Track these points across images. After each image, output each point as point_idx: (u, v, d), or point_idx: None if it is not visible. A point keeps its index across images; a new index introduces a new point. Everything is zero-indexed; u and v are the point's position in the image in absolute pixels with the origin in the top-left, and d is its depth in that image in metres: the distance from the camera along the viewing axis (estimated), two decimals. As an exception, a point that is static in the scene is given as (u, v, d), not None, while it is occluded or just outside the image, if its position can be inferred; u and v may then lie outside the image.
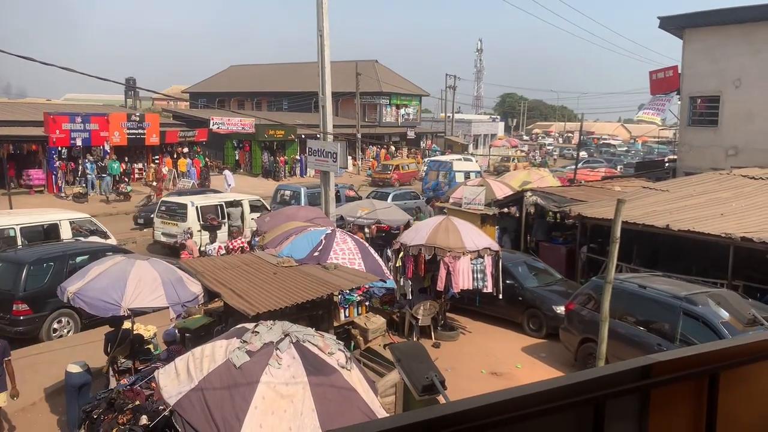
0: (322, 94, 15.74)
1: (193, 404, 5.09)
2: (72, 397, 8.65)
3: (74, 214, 16.96)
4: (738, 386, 2.43)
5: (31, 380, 10.29)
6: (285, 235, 12.42)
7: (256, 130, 39.27)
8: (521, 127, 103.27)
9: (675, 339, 9.78)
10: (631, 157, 54.05)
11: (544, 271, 14.70)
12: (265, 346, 5.45)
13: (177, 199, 20.68)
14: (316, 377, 5.29)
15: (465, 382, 10.27)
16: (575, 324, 11.71)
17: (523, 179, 23.91)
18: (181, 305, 8.59)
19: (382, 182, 36.92)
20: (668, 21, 22.11)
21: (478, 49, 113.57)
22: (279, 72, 61.24)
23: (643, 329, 10.45)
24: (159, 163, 33.81)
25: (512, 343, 12.93)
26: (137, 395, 7.62)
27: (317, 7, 15.08)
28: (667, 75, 22.92)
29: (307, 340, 5.70)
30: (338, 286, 9.26)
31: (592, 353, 10.85)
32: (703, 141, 21.40)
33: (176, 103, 57.91)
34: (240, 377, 5.19)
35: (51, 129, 28.62)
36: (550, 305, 13.16)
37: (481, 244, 12.34)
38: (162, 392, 5.38)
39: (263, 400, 5.04)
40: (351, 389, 5.41)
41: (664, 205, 14.60)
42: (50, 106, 38.99)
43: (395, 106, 56.20)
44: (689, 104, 22.13)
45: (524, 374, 11.35)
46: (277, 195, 24.56)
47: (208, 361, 5.40)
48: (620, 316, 10.50)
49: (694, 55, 21.49)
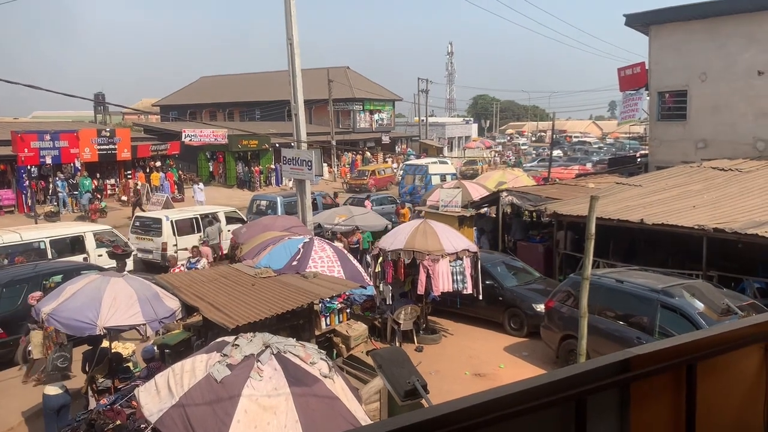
0: (294, 102, 15.71)
1: (174, 421, 5.01)
2: (51, 419, 8.47)
3: (97, 227, 18.54)
4: (715, 375, 2.46)
5: (7, 405, 10.07)
6: (262, 245, 12.34)
7: (229, 140, 38.99)
8: (495, 128, 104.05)
9: (654, 332, 9.89)
10: (603, 154, 54.70)
11: (523, 270, 14.78)
12: (246, 358, 5.40)
13: (151, 214, 20.56)
14: (298, 388, 5.25)
15: (449, 385, 10.29)
16: (555, 321, 11.79)
17: (498, 180, 24.09)
18: (158, 321, 8.46)
19: (359, 188, 36.90)
20: (634, 18, 22.46)
21: (449, 52, 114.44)
22: (250, 82, 60.96)
23: (623, 323, 10.55)
24: (131, 178, 33.40)
25: (494, 343, 12.98)
26: (118, 414, 7.49)
27: (286, 16, 15.06)
28: (635, 71, 23.24)
29: (288, 350, 5.66)
30: (318, 294, 9.22)
31: (573, 350, 10.92)
32: (673, 135, 21.74)
33: (147, 116, 57.28)
34: (221, 391, 5.13)
35: (19, 148, 28.12)
36: (530, 304, 13.23)
37: (460, 246, 12.37)
38: (143, 410, 5.30)
39: (246, 413, 4.98)
40: (334, 398, 5.37)
41: (637, 200, 14.79)
42: (18, 125, 38.33)
43: (369, 112, 56.28)
44: (658, 99, 22.47)
45: (508, 374, 11.39)
46: (252, 205, 24.39)
47: (188, 377, 5.33)
48: (599, 312, 10.59)
49: (661, 51, 21.85)
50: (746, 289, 12.00)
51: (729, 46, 19.88)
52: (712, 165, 16.66)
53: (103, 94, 47.39)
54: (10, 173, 28.92)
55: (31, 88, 8.96)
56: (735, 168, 15.86)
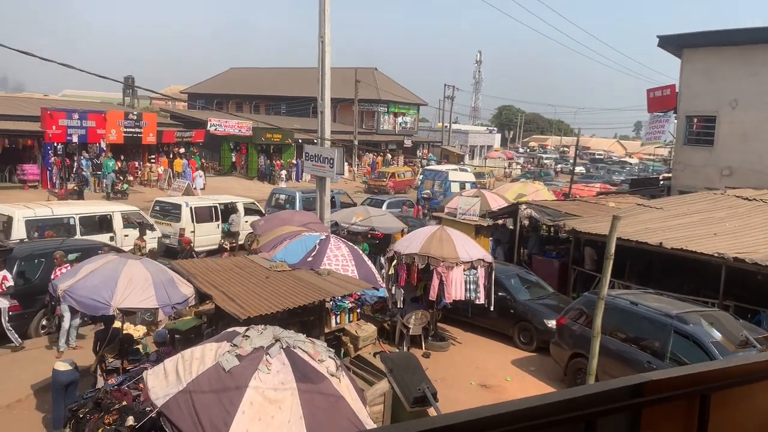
0: (321, 99, 15.77)
1: (180, 407, 5.05)
2: (58, 395, 8.57)
3: (125, 207, 18.60)
4: (729, 407, 2.42)
5: (17, 377, 10.21)
6: (279, 239, 12.39)
7: (253, 133, 39.25)
8: (518, 140, 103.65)
9: (665, 357, 9.79)
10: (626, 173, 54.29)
11: (537, 285, 14.70)
12: (255, 350, 5.43)
13: (171, 199, 20.82)
14: (305, 384, 5.27)
15: (454, 393, 10.25)
16: (566, 338, 11.71)
17: (518, 191, 23.99)
18: (171, 307, 8.54)
19: (378, 189, 36.93)
20: (667, 40, 22.28)
21: (478, 60, 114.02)
22: (278, 76, 61.25)
23: (634, 346, 10.45)
24: (155, 162, 33.66)
25: (502, 355, 12.92)
26: (124, 395, 7.57)
27: (319, 14, 15.13)
28: (664, 93, 23.05)
29: (298, 346, 5.68)
30: (330, 292, 9.23)
31: (581, 368, 10.85)
32: (699, 160, 21.51)
33: (174, 103, 57.78)
34: (229, 381, 5.16)
35: (48, 124, 28.50)
36: (542, 319, 13.15)
37: (475, 255, 12.34)
38: (150, 393, 5.34)
39: (251, 405, 5.01)
40: (339, 397, 5.38)
41: (658, 223, 14.65)
42: (47, 102, 38.82)
43: (393, 114, 56.29)
44: (686, 123, 22.26)
45: (514, 387, 11.33)
46: (272, 198, 24.52)
47: (197, 364, 5.37)
48: (611, 332, 10.50)
49: (692, 74, 21.64)
50: (762, 322, 11.82)
51: (762, 75, 19.64)
52: (737, 193, 16.44)
53: (132, 78, 47.80)
54: (36, 149, 29.34)
55: (65, 66, 9.08)
56: (760, 198, 15.63)
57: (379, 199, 26.77)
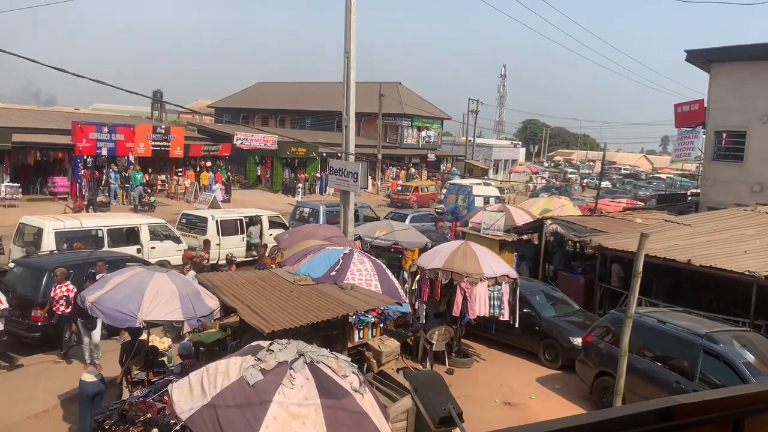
0: (346, 114, 15.87)
1: (205, 421, 5.07)
2: (85, 406, 8.67)
3: (152, 219, 19.00)
4: None
5: (45, 386, 10.37)
6: (303, 253, 12.44)
7: (278, 146, 39.63)
8: (542, 154, 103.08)
9: (694, 377, 9.59)
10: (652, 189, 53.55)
11: (562, 301, 14.54)
12: (279, 365, 5.44)
13: (197, 212, 21.06)
14: (328, 400, 5.26)
15: (478, 411, 10.15)
16: (592, 357, 11.54)
17: (543, 207, 23.80)
18: (196, 319, 8.61)
19: (401, 203, 36.92)
20: (696, 54, 22.05)
21: (502, 74, 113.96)
22: (303, 91, 61.85)
23: (662, 365, 10.26)
24: (182, 175, 34.07)
25: (527, 372, 12.77)
26: (149, 408, 7.62)
27: (345, 30, 15.27)
28: (692, 108, 22.76)
29: (321, 361, 5.67)
30: (354, 306, 9.23)
31: (607, 387, 10.68)
32: (728, 176, 21.17)
33: (201, 117, 58.66)
34: (253, 395, 5.17)
35: (78, 138, 29.11)
36: (567, 336, 12.99)
37: (499, 271, 12.24)
38: (175, 407, 5.37)
39: (275, 420, 5.01)
40: (363, 414, 5.36)
41: (686, 240, 14.41)
42: (78, 116, 39.71)
43: (417, 128, 56.40)
44: (714, 138, 21.95)
45: (538, 405, 11.18)
46: (296, 212, 24.67)
47: (222, 378, 5.39)
48: (638, 351, 10.31)
49: (721, 89, 21.36)
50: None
51: (794, 90, 19.31)
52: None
53: (161, 92, 48.68)
54: (66, 161, 29.95)
55: (96, 82, 9.29)
56: (792, 215, 15.31)
57: (402, 214, 26.76)
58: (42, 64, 8.31)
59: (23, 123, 31.17)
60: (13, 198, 26.33)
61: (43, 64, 8.30)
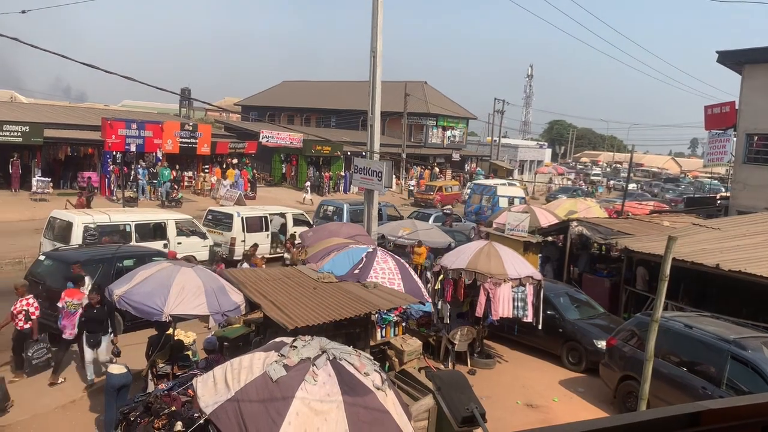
0: (372, 113, 15.89)
1: (228, 415, 5.13)
2: (111, 397, 8.82)
3: (178, 215, 19.01)
4: None
5: (72, 378, 10.56)
6: (326, 250, 12.49)
7: (303, 145, 39.83)
8: (569, 155, 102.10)
9: (721, 384, 9.43)
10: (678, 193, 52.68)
11: (587, 304, 14.40)
12: (302, 361, 5.47)
13: (223, 209, 21.29)
14: (350, 397, 5.28)
15: (500, 412, 10.11)
16: (616, 360, 11.41)
17: (568, 208, 23.57)
18: (221, 314, 8.70)
19: (425, 203, 36.83)
20: (727, 56, 21.66)
21: (529, 74, 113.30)
22: (329, 89, 62.09)
23: (688, 371, 10.11)
24: (209, 172, 34.43)
25: (550, 375, 12.67)
26: (174, 401, 7.72)
27: (372, 29, 15.29)
28: (723, 110, 22.36)
29: (344, 358, 5.70)
30: (376, 305, 9.25)
31: (632, 391, 10.56)
32: (759, 180, 20.76)
33: (228, 114, 59.18)
34: (276, 391, 5.22)
35: (107, 134, 29.55)
36: (591, 339, 12.86)
37: (523, 272, 12.17)
38: (199, 401, 5.44)
39: (297, 416, 5.05)
40: (385, 412, 5.37)
41: (714, 244, 14.17)
42: (108, 112, 40.29)
43: (442, 128, 56.26)
44: (746, 141, 21.54)
45: (561, 408, 11.09)
46: (320, 210, 24.78)
47: (245, 373, 5.44)
48: (664, 356, 10.18)
49: (753, 91, 20.95)
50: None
51: (829, 92, 18.87)
52: (800, 215, 15.79)
53: (189, 90, 49.22)
54: (96, 157, 30.44)
55: (126, 78, 9.42)
56: (825, 220, 14.97)
57: (426, 213, 26.68)
58: (75, 60, 8.46)
59: (54, 119, 31.76)
60: (44, 192, 26.83)
61: (76, 61, 8.46)
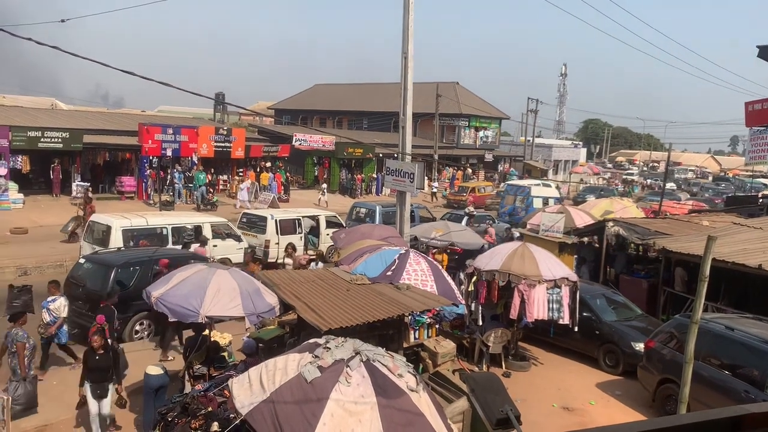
0: (403, 115, 15.87)
1: (264, 416, 5.18)
2: (149, 398, 8.98)
3: (214, 218, 19.51)
4: None
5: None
6: (359, 252, 12.54)
7: (335, 147, 40.04)
8: (604, 154, 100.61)
9: (765, 387, 9.18)
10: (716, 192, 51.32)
11: (624, 306, 14.15)
12: (336, 362, 5.50)
13: (257, 211, 21.55)
14: (384, 398, 5.28)
15: (535, 415, 10.00)
16: (655, 363, 11.19)
17: (605, 208, 23.20)
18: (256, 316, 8.80)
19: (457, 204, 36.66)
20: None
21: (563, 73, 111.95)
22: (360, 92, 62.31)
23: (729, 374, 9.86)
24: (243, 175, 34.85)
25: (586, 378, 12.49)
26: (210, 402, 7.83)
27: (403, 31, 15.29)
28: (765, 107, 21.74)
29: (377, 359, 5.71)
30: (410, 307, 9.24)
31: (671, 394, 10.35)
32: (803, 177, 20.13)
33: (261, 118, 59.87)
34: (310, 392, 5.25)
35: (144, 139, 30.16)
36: (629, 341, 12.64)
37: (559, 274, 12.02)
38: (235, 401, 5.50)
39: (332, 417, 5.07)
40: (419, 414, 5.36)
41: (757, 244, 13.80)
42: (144, 117, 41.15)
43: (474, 129, 55.95)
44: (788, 138, 20.91)
45: (598, 411, 10.93)
46: (352, 212, 24.86)
47: (280, 374, 5.49)
48: (704, 358, 9.94)
49: (796, 86, 20.34)
50: None
51: None
52: None
53: (223, 94, 49.86)
54: (133, 162, 31.09)
55: (163, 84, 9.60)
56: None
57: (459, 215, 26.49)
58: (113, 67, 8.64)
59: (93, 125, 32.51)
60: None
61: (114, 68, 8.63)
